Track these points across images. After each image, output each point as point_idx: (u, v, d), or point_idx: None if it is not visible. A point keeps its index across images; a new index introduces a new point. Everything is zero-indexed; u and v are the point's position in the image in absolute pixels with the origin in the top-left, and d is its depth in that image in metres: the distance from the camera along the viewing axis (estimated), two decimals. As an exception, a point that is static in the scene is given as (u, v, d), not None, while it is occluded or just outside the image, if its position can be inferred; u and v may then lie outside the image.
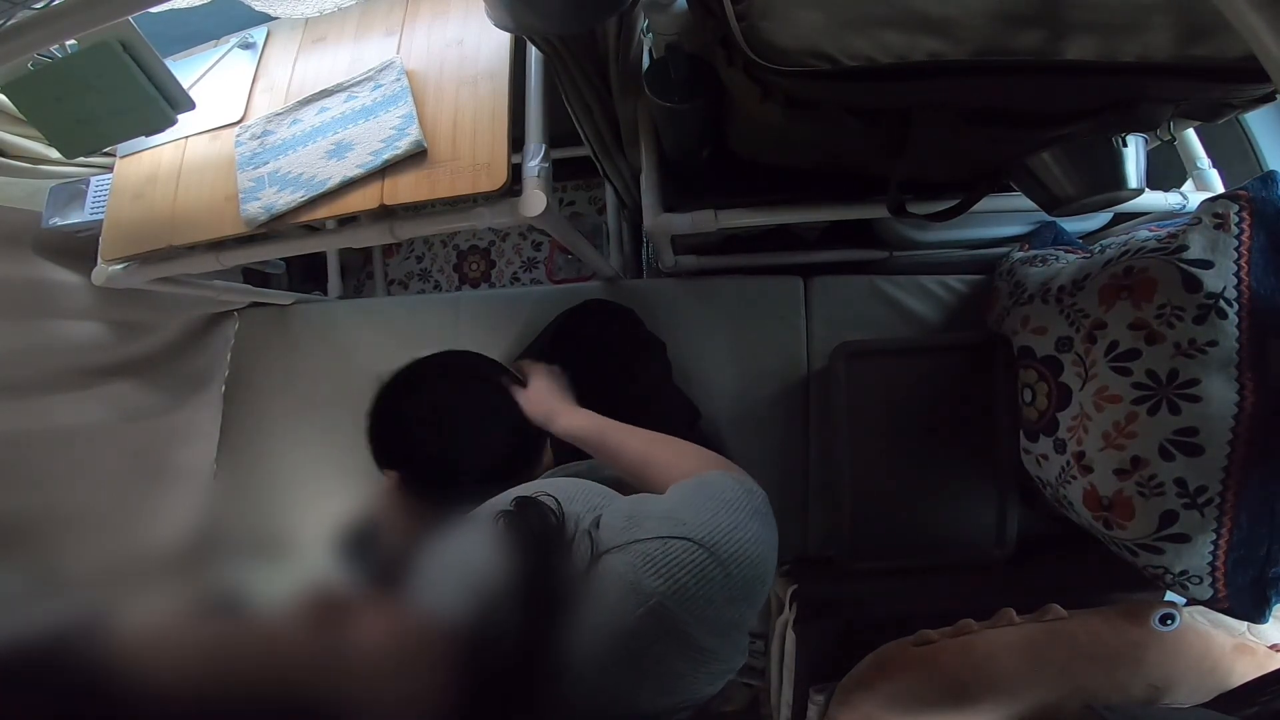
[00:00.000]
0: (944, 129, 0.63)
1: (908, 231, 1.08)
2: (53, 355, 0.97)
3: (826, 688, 0.84)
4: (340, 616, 0.35)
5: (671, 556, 0.43)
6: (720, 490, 0.49)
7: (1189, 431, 0.65)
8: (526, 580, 0.42)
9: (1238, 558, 0.66)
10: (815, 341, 1.09)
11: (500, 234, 1.70)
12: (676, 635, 0.41)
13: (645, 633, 0.41)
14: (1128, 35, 0.56)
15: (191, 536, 1.14)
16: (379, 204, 0.80)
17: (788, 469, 1.07)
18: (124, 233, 0.89)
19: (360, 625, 0.35)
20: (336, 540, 0.68)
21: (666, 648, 0.41)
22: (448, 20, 0.90)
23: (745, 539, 0.45)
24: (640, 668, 0.41)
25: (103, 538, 1.01)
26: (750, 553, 0.45)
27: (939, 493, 0.95)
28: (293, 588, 0.37)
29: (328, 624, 0.34)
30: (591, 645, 0.41)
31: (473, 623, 0.39)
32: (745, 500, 0.49)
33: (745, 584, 0.44)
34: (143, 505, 1.09)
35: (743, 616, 0.45)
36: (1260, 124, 0.92)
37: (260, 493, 1.21)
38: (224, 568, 1.08)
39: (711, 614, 0.42)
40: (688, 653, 0.42)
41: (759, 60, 0.59)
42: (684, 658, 0.42)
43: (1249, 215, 0.68)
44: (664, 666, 0.42)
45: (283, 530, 1.17)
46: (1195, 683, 0.75)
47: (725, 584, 0.43)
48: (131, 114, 0.76)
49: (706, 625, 0.42)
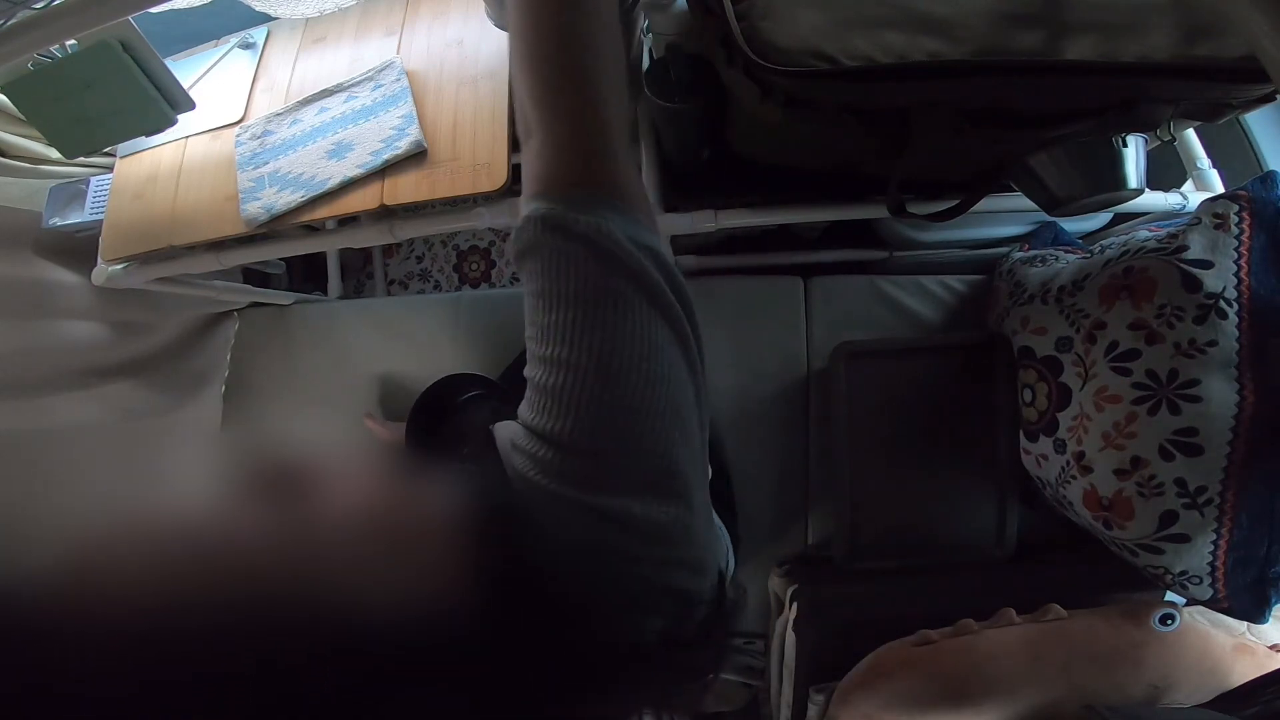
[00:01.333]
0: (944, 129, 0.63)
1: (908, 231, 1.08)
2: (53, 355, 0.97)
3: (826, 688, 0.84)
4: (300, 486, 0.29)
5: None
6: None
7: (1189, 431, 0.65)
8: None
9: (1238, 558, 0.66)
10: (815, 341, 1.09)
11: (500, 234, 1.69)
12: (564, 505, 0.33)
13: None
14: (1128, 35, 0.56)
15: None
16: (379, 204, 0.80)
17: (788, 469, 1.07)
18: (124, 233, 0.89)
19: (328, 494, 0.29)
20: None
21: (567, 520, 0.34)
22: (448, 20, 0.90)
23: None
24: (592, 561, 0.34)
25: (103, 538, 1.01)
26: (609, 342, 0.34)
27: (939, 493, 0.95)
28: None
29: (284, 495, 0.28)
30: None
31: (467, 498, 0.32)
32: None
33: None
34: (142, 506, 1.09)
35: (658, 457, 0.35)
36: (1260, 124, 0.92)
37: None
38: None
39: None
40: (600, 524, 0.34)
41: (759, 60, 0.59)
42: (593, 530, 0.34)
43: (1249, 215, 0.68)
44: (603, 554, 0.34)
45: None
46: (1195, 683, 0.75)
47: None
48: (131, 114, 0.76)
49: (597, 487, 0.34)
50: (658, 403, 0.35)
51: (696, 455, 0.38)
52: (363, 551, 0.27)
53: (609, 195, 0.37)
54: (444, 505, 0.31)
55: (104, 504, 0.29)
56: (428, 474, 0.36)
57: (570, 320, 0.34)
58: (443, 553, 0.29)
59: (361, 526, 0.28)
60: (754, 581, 1.05)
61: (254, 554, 0.25)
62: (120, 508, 0.27)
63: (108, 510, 0.27)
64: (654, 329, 0.35)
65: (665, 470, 0.35)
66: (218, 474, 0.35)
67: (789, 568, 1.02)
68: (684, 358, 0.37)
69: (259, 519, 0.27)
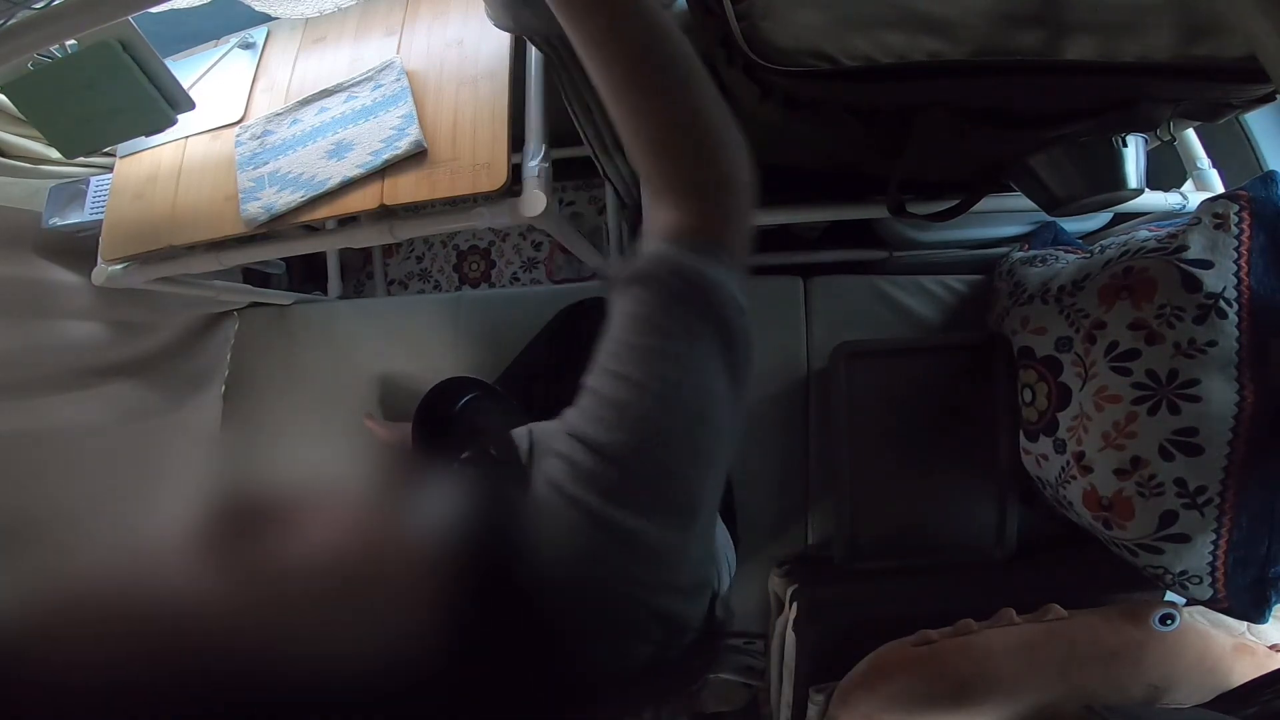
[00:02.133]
0: (944, 129, 0.63)
1: (908, 231, 1.08)
2: (53, 355, 0.97)
3: (826, 688, 0.84)
4: (270, 527, 0.28)
5: (550, 430, 0.37)
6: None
7: (1189, 431, 0.65)
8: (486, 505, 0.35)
9: (1238, 558, 0.66)
10: (815, 341, 1.09)
11: (500, 234, 1.69)
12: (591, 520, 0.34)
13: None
14: (1128, 35, 0.56)
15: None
16: (379, 204, 0.80)
17: (788, 469, 1.07)
18: (124, 233, 0.89)
19: (301, 535, 0.28)
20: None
21: (595, 545, 0.34)
22: (448, 20, 0.90)
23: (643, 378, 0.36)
24: (589, 579, 0.34)
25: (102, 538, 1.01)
26: (644, 394, 0.35)
27: (939, 493, 0.95)
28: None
29: (252, 539, 0.27)
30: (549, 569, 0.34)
31: (442, 535, 0.31)
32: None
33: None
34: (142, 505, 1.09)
35: (678, 486, 0.36)
36: (1260, 124, 0.92)
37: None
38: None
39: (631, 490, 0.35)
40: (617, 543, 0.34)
41: (759, 60, 0.59)
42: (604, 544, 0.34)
43: (1249, 215, 0.68)
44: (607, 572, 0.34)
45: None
46: (1195, 683, 0.75)
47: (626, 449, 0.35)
48: (131, 114, 0.76)
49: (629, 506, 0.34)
50: (703, 444, 0.37)
51: (716, 495, 0.40)
52: (332, 600, 0.27)
53: (729, 250, 0.40)
54: (430, 533, 0.32)
55: (67, 559, 0.29)
56: (424, 489, 0.37)
57: (656, 350, 0.37)
58: (419, 591, 0.28)
59: (331, 573, 0.27)
60: (754, 581, 1.06)
61: (216, 608, 0.25)
62: (81, 564, 0.27)
63: (67, 570, 0.27)
64: (721, 381, 0.38)
65: (687, 505, 0.37)
66: (204, 492, 0.35)
67: (789, 568, 1.02)
68: (735, 412, 0.39)
69: (224, 568, 0.26)
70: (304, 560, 0.27)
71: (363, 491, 0.34)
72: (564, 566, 0.34)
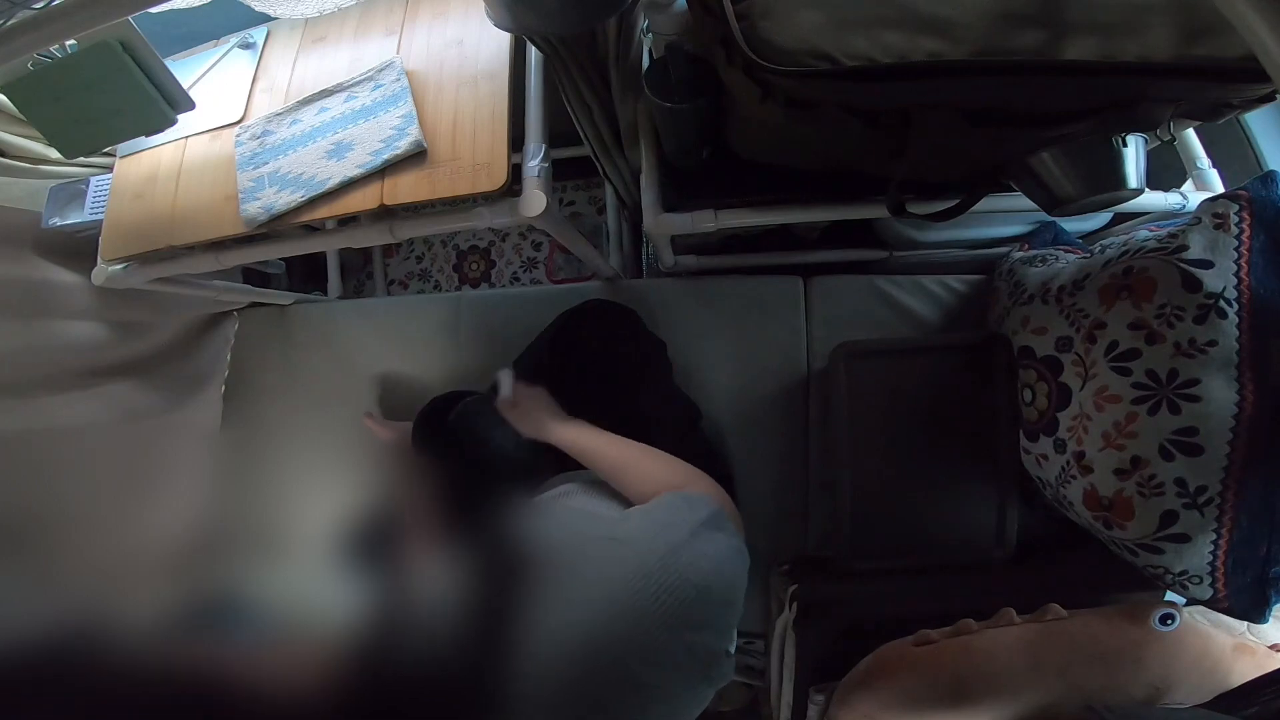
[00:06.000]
0: (944, 129, 0.63)
1: (908, 231, 1.08)
2: (53, 355, 0.97)
3: (826, 688, 0.84)
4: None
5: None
6: (659, 513, 0.53)
7: (1189, 431, 0.65)
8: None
9: (1238, 558, 0.66)
10: (815, 341, 1.09)
11: (500, 234, 1.70)
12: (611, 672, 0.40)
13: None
14: (1128, 35, 0.56)
15: (191, 536, 1.14)
16: (379, 204, 0.80)
17: (788, 469, 1.07)
18: (124, 233, 0.89)
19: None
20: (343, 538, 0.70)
21: (603, 689, 0.40)
22: (448, 20, 0.90)
23: (677, 565, 0.44)
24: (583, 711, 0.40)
25: (103, 537, 1.01)
26: (681, 579, 0.43)
27: (939, 493, 0.95)
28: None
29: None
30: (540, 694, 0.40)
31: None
32: (686, 517, 0.50)
33: (679, 609, 0.42)
34: (143, 505, 1.09)
35: (691, 644, 0.43)
36: (1260, 124, 0.92)
37: (260, 492, 1.21)
38: (223, 568, 1.08)
39: (647, 644, 0.41)
40: (626, 690, 0.41)
41: (759, 60, 0.59)
42: (624, 694, 0.41)
43: (1249, 215, 0.68)
44: (608, 707, 0.41)
45: (282, 530, 1.18)
46: (1195, 683, 0.75)
47: (656, 613, 0.42)
48: (131, 114, 0.76)
49: (642, 658, 0.41)
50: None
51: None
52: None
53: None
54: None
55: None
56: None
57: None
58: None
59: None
60: (754, 581, 1.05)
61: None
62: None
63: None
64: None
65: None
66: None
67: (789, 568, 1.02)
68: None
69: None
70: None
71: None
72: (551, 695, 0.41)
